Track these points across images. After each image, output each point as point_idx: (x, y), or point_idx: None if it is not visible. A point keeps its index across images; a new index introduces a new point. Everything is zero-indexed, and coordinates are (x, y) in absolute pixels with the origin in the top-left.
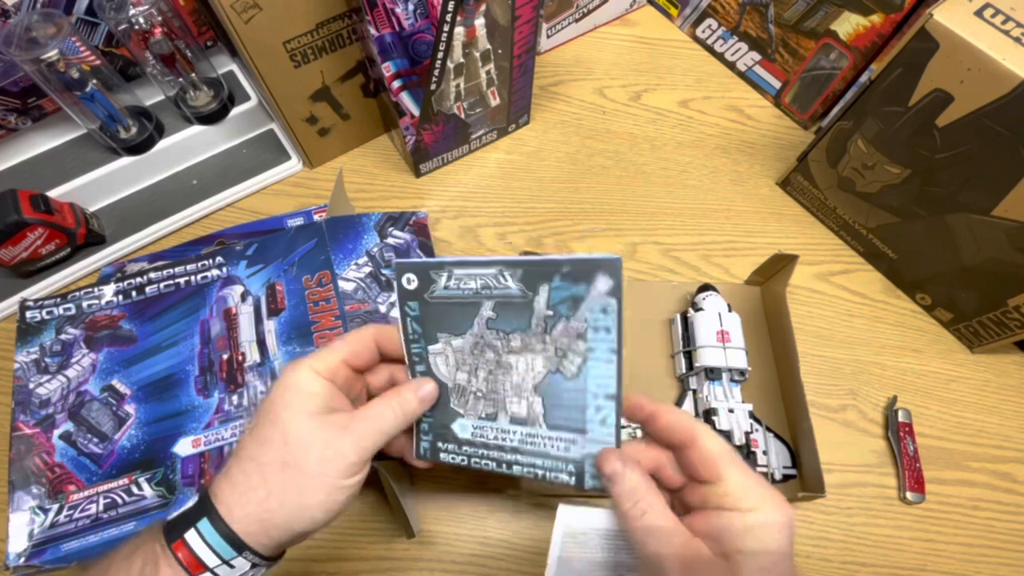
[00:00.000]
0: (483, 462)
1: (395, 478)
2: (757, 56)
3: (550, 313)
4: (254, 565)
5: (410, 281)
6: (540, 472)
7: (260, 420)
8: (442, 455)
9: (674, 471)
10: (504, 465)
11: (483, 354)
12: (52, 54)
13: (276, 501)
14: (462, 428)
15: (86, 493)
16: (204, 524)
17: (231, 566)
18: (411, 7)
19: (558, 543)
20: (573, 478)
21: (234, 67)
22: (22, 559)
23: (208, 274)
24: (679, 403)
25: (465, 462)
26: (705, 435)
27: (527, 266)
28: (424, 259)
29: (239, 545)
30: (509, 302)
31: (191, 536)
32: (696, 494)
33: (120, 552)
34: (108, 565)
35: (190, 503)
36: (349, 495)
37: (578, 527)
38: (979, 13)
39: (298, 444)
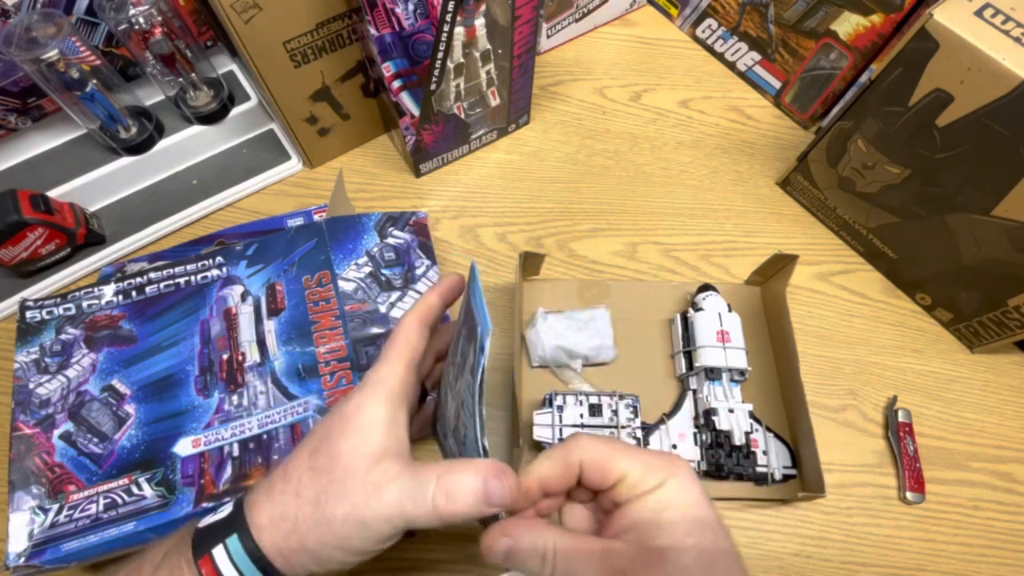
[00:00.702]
0: None
1: None
2: (757, 56)
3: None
4: None
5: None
6: None
7: (320, 443)
8: None
9: (585, 512)
10: None
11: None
12: (52, 54)
13: (296, 541)
14: None
15: (86, 493)
16: (233, 541)
17: None
18: (411, 7)
19: None
20: None
21: (234, 67)
22: (22, 559)
23: (208, 274)
24: (679, 403)
25: None
26: (581, 453)
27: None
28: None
29: (268, 570)
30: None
31: (218, 553)
32: (607, 497)
33: (148, 556)
34: (138, 568)
35: (224, 512)
36: (369, 556)
37: None
38: (979, 13)
39: (338, 492)
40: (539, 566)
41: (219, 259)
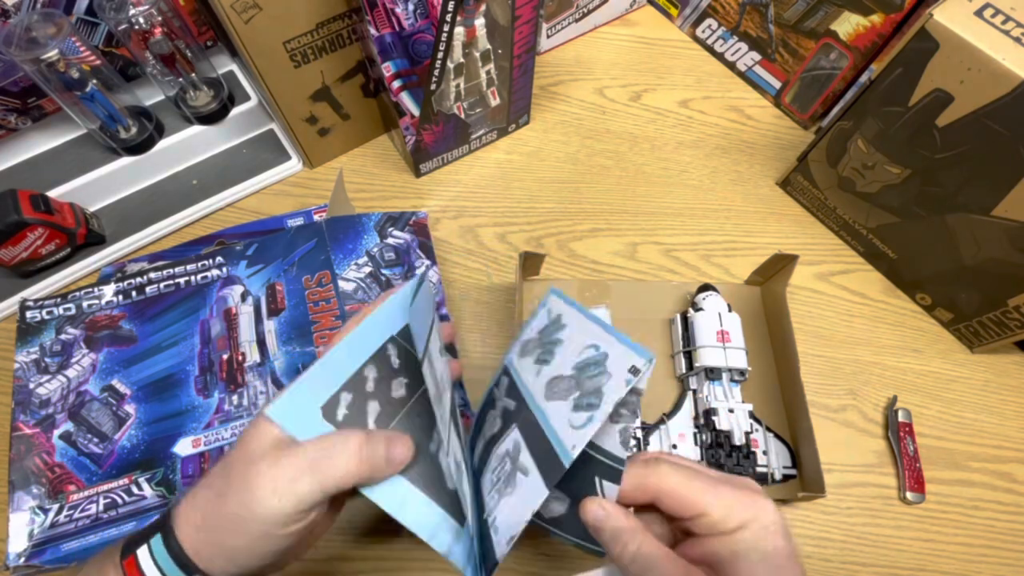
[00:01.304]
0: None
1: None
2: (757, 56)
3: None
4: None
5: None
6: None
7: (236, 442)
8: None
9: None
10: None
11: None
12: (52, 54)
13: (207, 537)
14: None
15: (86, 493)
16: (156, 541)
17: None
18: (411, 7)
19: None
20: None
21: (234, 67)
22: (22, 559)
23: (208, 274)
24: (679, 403)
25: None
26: (666, 485)
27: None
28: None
29: (188, 567)
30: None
31: (142, 553)
32: (679, 523)
33: (90, 563)
34: (74, 571)
35: (155, 518)
36: (289, 540)
37: None
38: (979, 13)
39: (237, 480)
40: (618, 550)
41: (219, 259)
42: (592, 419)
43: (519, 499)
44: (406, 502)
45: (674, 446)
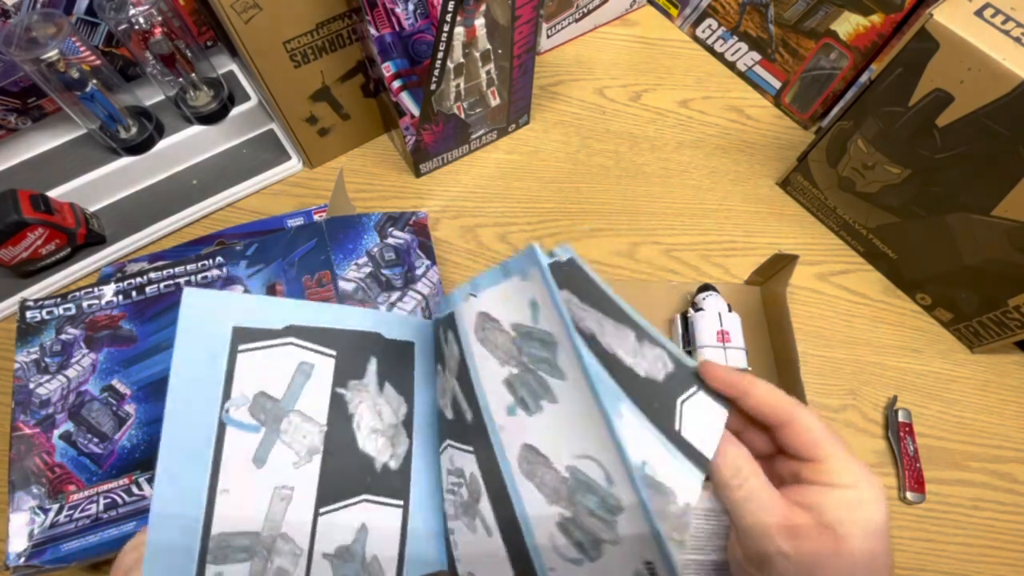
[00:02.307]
0: None
1: None
2: (757, 56)
3: None
4: None
5: None
6: None
7: None
8: None
9: (763, 440)
10: None
11: None
12: (52, 54)
13: None
14: None
15: (86, 493)
16: None
17: None
18: (411, 7)
19: None
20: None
21: (234, 67)
22: (22, 559)
23: (208, 274)
24: None
25: None
26: (803, 416)
27: None
28: None
29: None
30: None
31: None
32: (788, 467)
33: None
34: None
35: None
36: None
37: None
38: (979, 13)
39: None
40: (728, 476)
41: (219, 259)
42: (582, 564)
43: (482, 551)
44: None
45: None
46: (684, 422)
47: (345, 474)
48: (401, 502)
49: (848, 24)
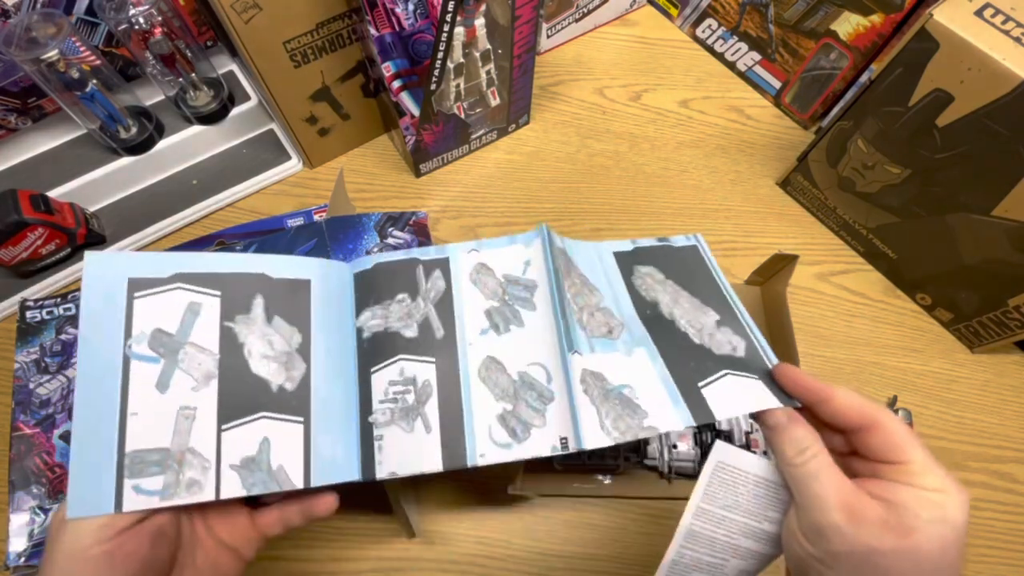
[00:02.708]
0: None
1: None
2: (757, 56)
3: None
4: None
5: None
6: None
7: None
8: None
9: (839, 440)
10: None
11: None
12: (52, 54)
13: None
14: None
15: None
16: None
17: None
18: (411, 7)
19: (708, 473)
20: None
21: (234, 67)
22: (22, 559)
23: None
24: None
25: None
26: (888, 420)
27: None
28: None
29: None
30: None
31: None
32: (866, 467)
33: None
34: None
35: None
36: (104, 566)
37: (731, 463)
38: (979, 13)
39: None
40: (799, 460)
41: None
42: (510, 447)
43: (413, 448)
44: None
45: (674, 446)
46: (714, 386)
47: (242, 395)
48: (301, 418)
49: (848, 24)
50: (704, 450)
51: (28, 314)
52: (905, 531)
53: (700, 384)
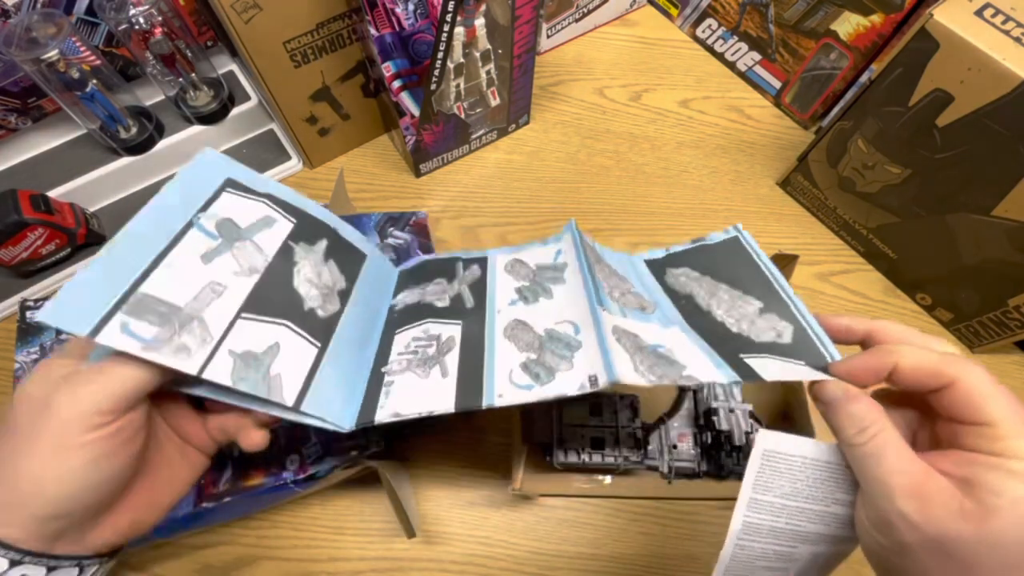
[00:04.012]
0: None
1: (395, 478)
2: (757, 56)
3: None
4: (15, 562)
5: None
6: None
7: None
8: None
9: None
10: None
11: None
12: (52, 54)
13: None
14: None
15: None
16: None
17: None
18: (411, 7)
19: (756, 464)
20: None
21: (234, 67)
22: None
23: None
24: (679, 403)
25: None
26: (968, 373)
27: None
28: None
29: None
30: None
31: None
32: (948, 430)
33: None
34: None
35: None
36: (92, 454)
37: (781, 450)
38: (979, 13)
39: (20, 408)
40: (860, 438)
41: None
42: (531, 388)
43: (424, 391)
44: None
45: (674, 446)
46: (756, 360)
47: (274, 299)
48: (319, 344)
49: (848, 24)
50: (704, 450)
51: (28, 314)
52: (984, 515)
53: (740, 356)
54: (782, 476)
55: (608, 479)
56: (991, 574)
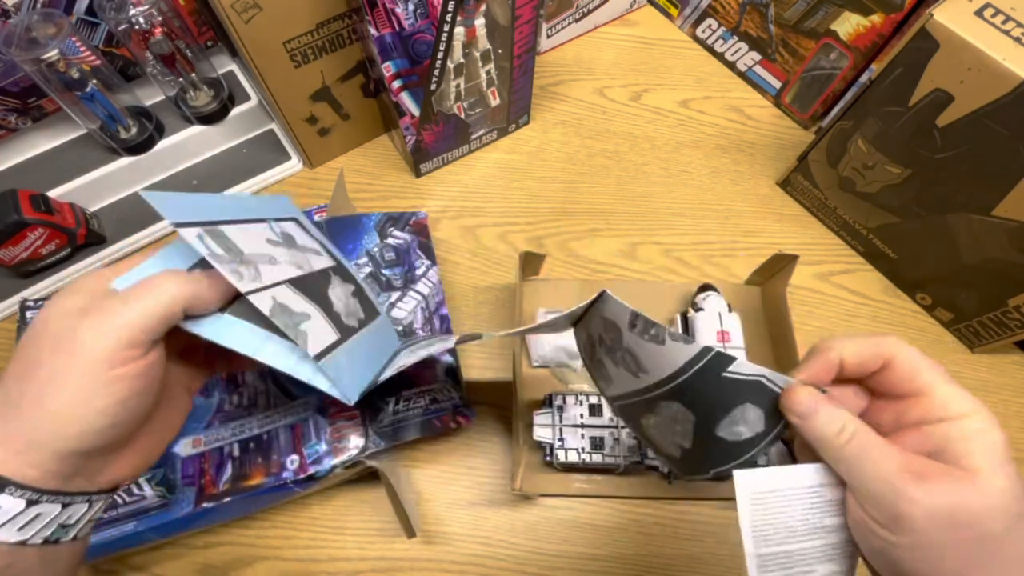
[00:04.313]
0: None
1: (395, 478)
2: (757, 56)
3: None
4: (33, 502)
5: None
6: None
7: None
8: None
9: (853, 393)
10: None
11: None
12: (52, 54)
13: (15, 415)
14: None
15: None
16: None
17: None
18: (411, 7)
19: (747, 513)
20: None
21: (234, 67)
22: None
23: None
24: None
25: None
26: (898, 349)
27: None
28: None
29: None
30: None
31: None
32: (887, 413)
33: None
34: None
35: None
36: (119, 393)
37: (763, 489)
38: (979, 13)
39: (40, 342)
40: (832, 434)
41: None
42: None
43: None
44: (234, 332)
45: None
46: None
47: (311, 290)
48: (339, 335)
49: (848, 24)
50: None
51: (28, 314)
52: (972, 475)
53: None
54: (774, 517)
55: (608, 479)
56: (998, 525)
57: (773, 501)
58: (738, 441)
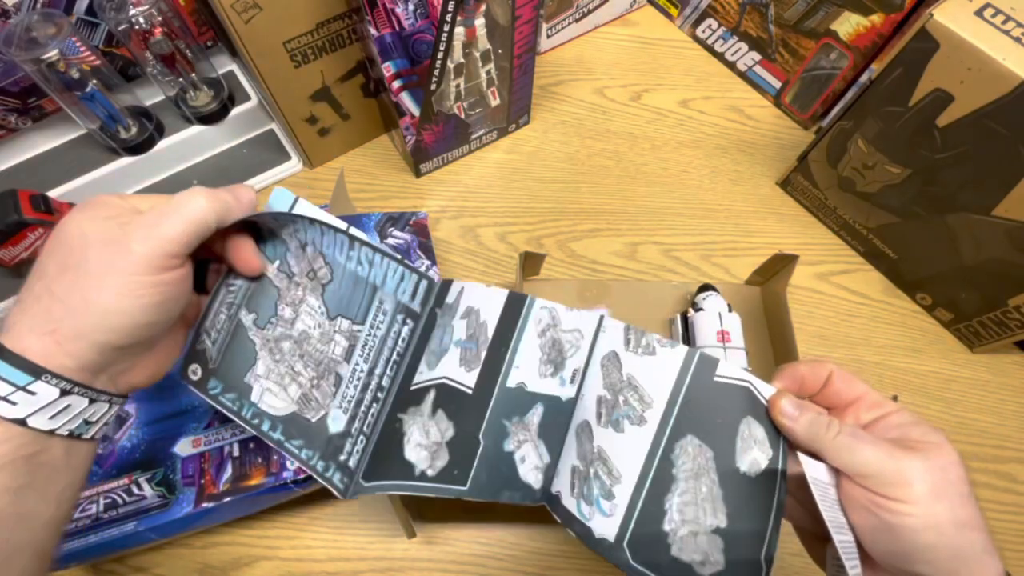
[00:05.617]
0: None
1: None
2: (757, 56)
3: None
4: (65, 392)
5: None
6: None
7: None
8: None
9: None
10: None
11: None
12: (52, 54)
13: (60, 308)
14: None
15: (86, 493)
16: None
17: (31, 392)
18: (411, 7)
19: (818, 497)
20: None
21: (234, 67)
22: None
23: None
24: None
25: None
26: (832, 365)
27: None
28: None
29: (34, 369)
30: None
31: None
32: (848, 417)
33: None
34: None
35: None
36: (159, 295)
37: (817, 476)
38: (979, 13)
39: (82, 243)
40: (824, 429)
41: None
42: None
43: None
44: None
45: None
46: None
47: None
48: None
49: (848, 24)
50: None
51: None
52: (938, 444)
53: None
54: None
55: None
56: (964, 478)
57: (816, 491)
58: (762, 493)
